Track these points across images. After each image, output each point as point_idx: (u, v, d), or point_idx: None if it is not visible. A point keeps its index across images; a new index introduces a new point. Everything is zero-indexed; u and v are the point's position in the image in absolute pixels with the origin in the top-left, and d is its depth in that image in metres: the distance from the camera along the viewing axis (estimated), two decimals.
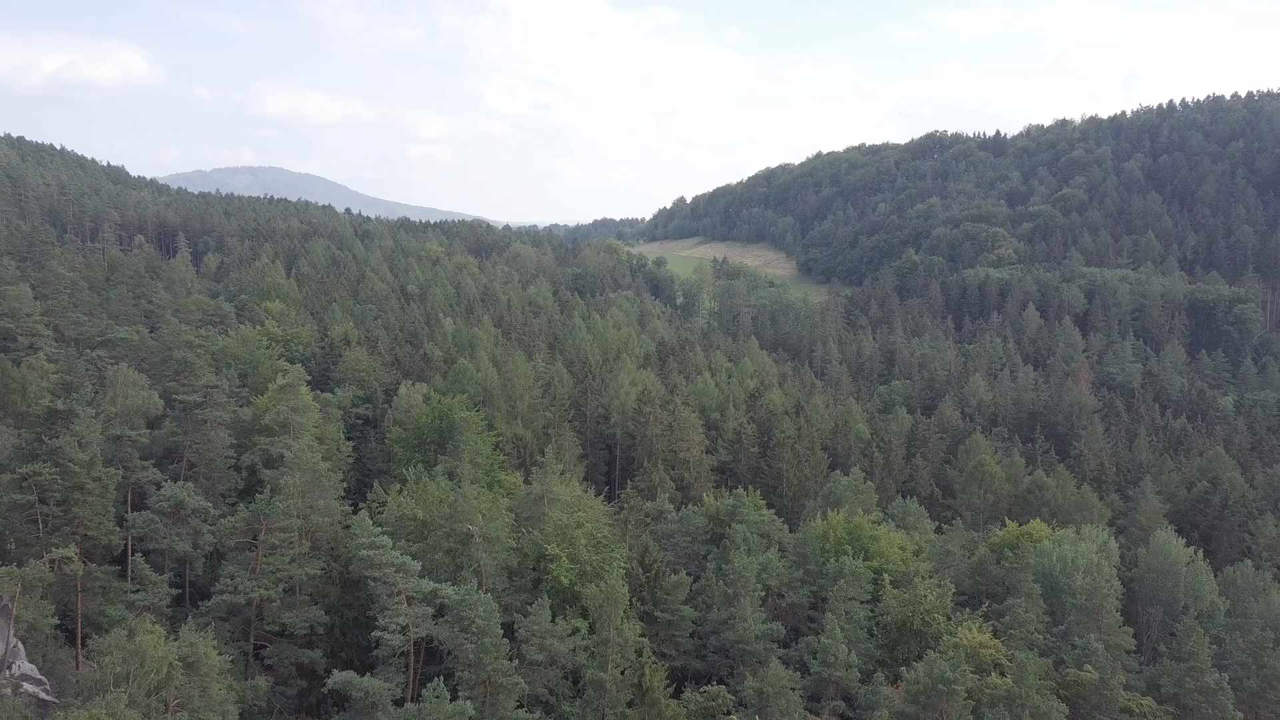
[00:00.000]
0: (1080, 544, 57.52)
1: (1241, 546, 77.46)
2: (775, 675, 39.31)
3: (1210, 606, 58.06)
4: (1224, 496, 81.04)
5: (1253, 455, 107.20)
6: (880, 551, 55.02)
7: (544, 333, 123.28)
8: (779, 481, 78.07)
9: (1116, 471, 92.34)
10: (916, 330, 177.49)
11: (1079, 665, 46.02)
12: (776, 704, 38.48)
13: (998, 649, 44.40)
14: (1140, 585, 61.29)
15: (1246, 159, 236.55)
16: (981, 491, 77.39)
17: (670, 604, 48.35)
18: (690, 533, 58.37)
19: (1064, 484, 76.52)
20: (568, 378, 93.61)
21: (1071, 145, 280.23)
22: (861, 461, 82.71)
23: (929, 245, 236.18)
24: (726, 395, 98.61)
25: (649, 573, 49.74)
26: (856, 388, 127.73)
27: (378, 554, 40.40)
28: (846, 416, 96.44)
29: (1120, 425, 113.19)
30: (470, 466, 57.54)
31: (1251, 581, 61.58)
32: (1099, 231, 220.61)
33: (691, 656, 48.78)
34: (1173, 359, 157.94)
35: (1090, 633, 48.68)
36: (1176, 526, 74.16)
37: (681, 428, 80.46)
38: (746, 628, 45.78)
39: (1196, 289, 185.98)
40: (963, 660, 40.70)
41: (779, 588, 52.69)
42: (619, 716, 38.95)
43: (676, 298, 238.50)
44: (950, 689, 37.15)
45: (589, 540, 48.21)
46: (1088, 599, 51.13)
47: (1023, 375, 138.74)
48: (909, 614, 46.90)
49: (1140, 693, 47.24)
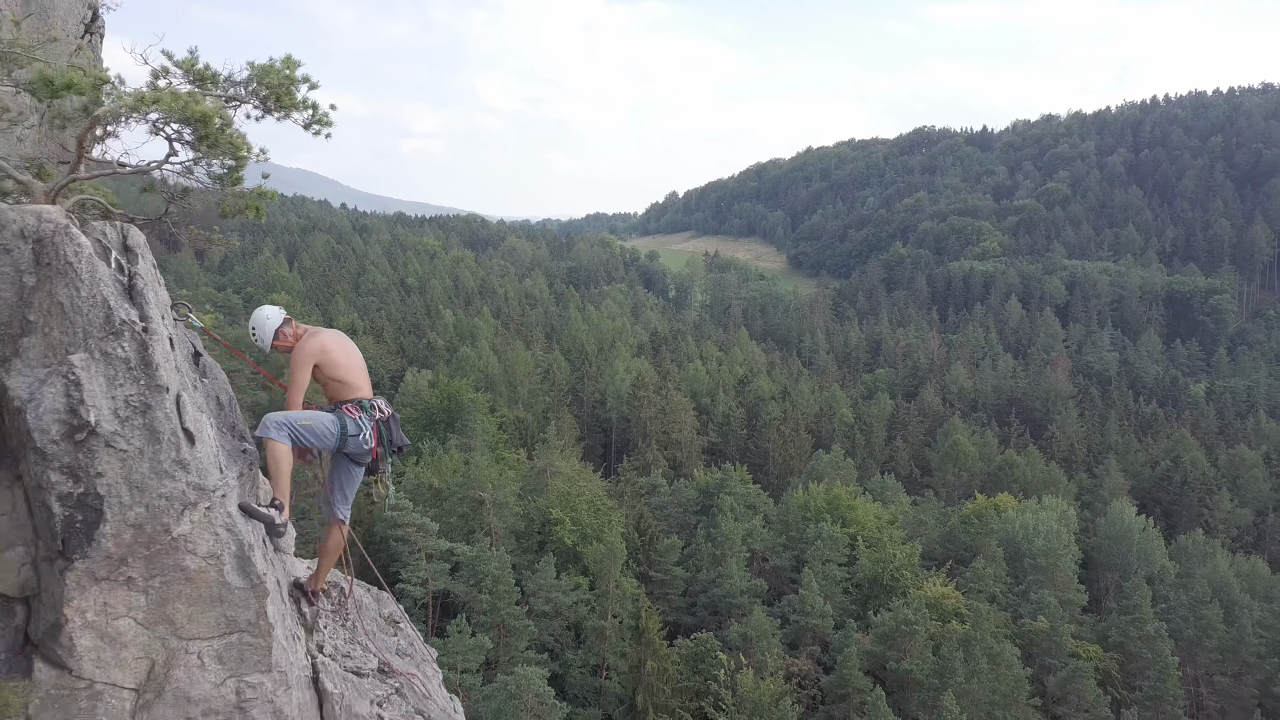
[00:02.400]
0: (1041, 513, 62.40)
1: (1200, 520, 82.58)
2: (758, 621, 44.03)
3: (1161, 570, 63.04)
4: (1184, 474, 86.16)
5: (1219, 438, 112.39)
6: (857, 519, 59.70)
7: (541, 323, 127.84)
8: (765, 460, 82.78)
9: (1086, 452, 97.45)
10: (902, 321, 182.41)
11: (1034, 618, 50.84)
12: (759, 645, 43.17)
13: (958, 600, 49.20)
14: (1098, 552, 66.28)
15: (1226, 153, 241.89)
16: (956, 469, 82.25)
17: (664, 565, 53.06)
18: (682, 504, 63.11)
19: (1033, 462, 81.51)
20: (565, 365, 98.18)
21: (1057, 140, 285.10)
22: (844, 443, 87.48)
23: (916, 239, 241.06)
24: (717, 381, 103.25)
25: (644, 537, 54.40)
26: (842, 375, 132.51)
27: (401, 514, 44.89)
28: (831, 401, 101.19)
29: (1094, 410, 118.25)
30: (480, 441, 62.08)
31: (1201, 548, 66.75)
32: (1081, 225, 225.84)
33: (683, 613, 53.50)
34: (1149, 348, 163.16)
35: (1045, 589, 53.50)
36: (1140, 502, 79.15)
37: (674, 411, 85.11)
38: (733, 584, 50.46)
39: (1174, 280, 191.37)
40: (924, 607, 45.44)
41: (763, 552, 57.44)
42: (619, 656, 43.61)
43: (669, 290, 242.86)
44: (911, 629, 41.89)
45: (589, 506, 52.84)
46: (1045, 559, 55.97)
47: (1003, 364, 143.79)
48: (879, 570, 51.68)
49: (1090, 642, 52.08)
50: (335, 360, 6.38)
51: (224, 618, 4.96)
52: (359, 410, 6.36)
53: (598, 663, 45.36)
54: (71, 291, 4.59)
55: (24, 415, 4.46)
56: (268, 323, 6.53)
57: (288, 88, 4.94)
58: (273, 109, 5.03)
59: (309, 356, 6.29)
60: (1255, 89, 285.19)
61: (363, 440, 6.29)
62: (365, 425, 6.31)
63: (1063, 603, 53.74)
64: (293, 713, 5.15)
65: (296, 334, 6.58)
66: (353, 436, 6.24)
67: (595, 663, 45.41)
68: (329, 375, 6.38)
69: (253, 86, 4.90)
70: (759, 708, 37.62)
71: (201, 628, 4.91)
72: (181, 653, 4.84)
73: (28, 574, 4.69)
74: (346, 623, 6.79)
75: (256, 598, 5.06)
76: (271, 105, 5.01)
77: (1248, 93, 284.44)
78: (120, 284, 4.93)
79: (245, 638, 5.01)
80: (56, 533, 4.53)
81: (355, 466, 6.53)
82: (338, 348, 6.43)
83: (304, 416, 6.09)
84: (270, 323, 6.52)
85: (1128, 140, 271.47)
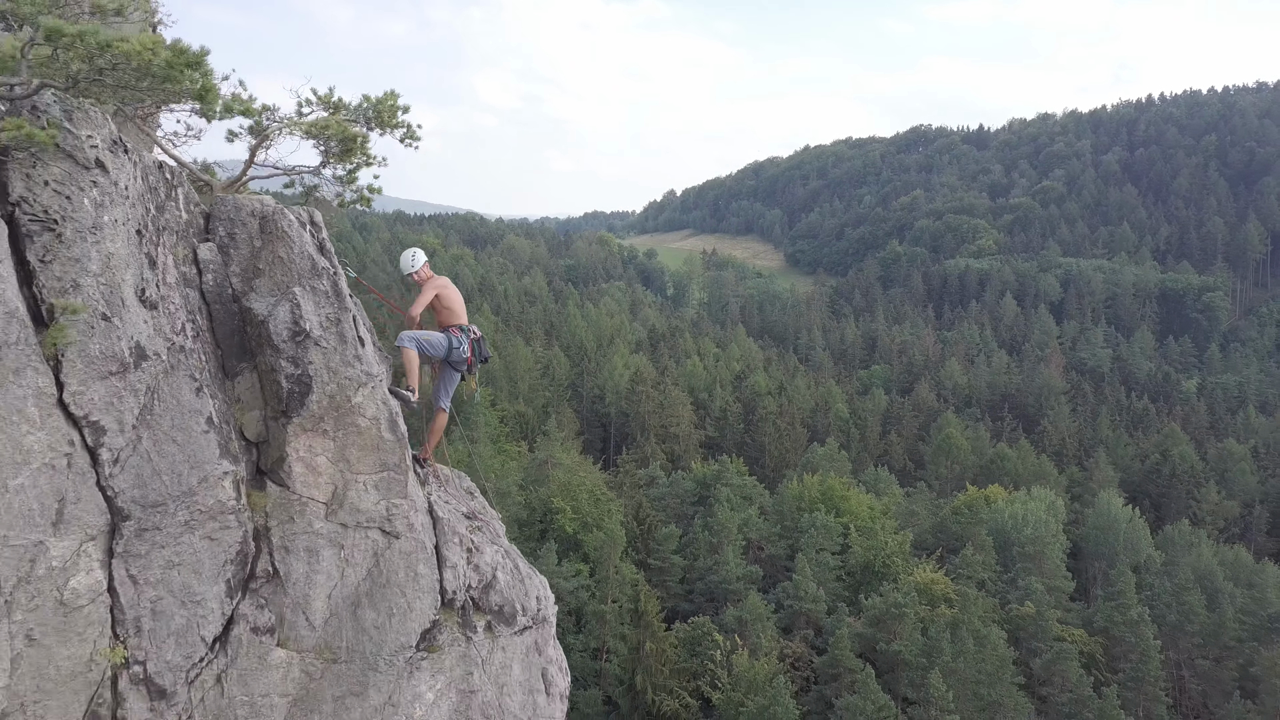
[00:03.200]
0: (1030, 503, 63.98)
1: (1188, 511, 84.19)
2: (753, 604, 45.57)
3: (1147, 559, 64.59)
4: (1173, 467, 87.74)
5: (1209, 432, 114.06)
6: (850, 510, 61.26)
7: (540, 320, 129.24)
8: (761, 454, 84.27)
9: (1078, 446, 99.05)
10: (898, 318, 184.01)
11: (1021, 603, 52.42)
12: (754, 629, 44.70)
13: (947, 585, 50.76)
14: (1086, 542, 67.85)
15: (1220, 152, 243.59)
16: (948, 462, 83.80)
17: (662, 553, 54.58)
18: (679, 495, 64.63)
19: (1024, 455, 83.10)
20: (564, 361, 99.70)
21: (1052, 139, 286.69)
22: (839, 437, 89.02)
23: (912, 237, 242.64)
24: (714, 377, 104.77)
25: (643, 526, 55.98)
26: (838, 372, 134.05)
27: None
28: (827, 397, 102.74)
29: (1086, 406, 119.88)
30: (483, 433, 63.55)
31: (1187, 538, 68.29)
32: (1076, 223, 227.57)
33: (681, 599, 55.01)
34: (1141, 344, 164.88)
35: (1032, 576, 55.09)
36: (1130, 494, 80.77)
37: (672, 405, 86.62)
38: (729, 570, 51.99)
39: (1167, 278, 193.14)
40: (914, 591, 46.99)
41: (759, 541, 58.98)
42: (618, 639, 45.11)
43: (667, 288, 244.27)
44: (900, 611, 43.42)
45: (590, 495, 54.34)
46: (1033, 547, 57.55)
47: (997, 360, 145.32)
48: (871, 557, 53.23)
49: (1075, 627, 53.67)
50: (449, 295, 9.19)
51: (379, 460, 7.47)
52: (460, 333, 9.13)
53: (598, 646, 46.87)
54: (287, 249, 7.11)
55: (266, 325, 6.96)
56: (418, 256, 9.39)
57: (392, 112, 6.66)
58: (379, 128, 6.72)
59: (434, 288, 9.10)
60: (1250, 88, 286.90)
61: (461, 352, 9.02)
62: (463, 342, 9.06)
63: (1049, 589, 55.36)
64: (419, 526, 7.77)
65: (427, 273, 9.32)
66: (455, 349, 8.97)
67: (595, 646, 46.92)
68: (443, 305, 9.12)
69: (368, 112, 6.55)
70: (754, 686, 39.16)
71: (365, 466, 7.39)
72: (353, 481, 7.32)
73: (261, 427, 7.13)
74: (442, 484, 9.42)
75: (400, 448, 7.59)
76: (378, 125, 6.69)
77: (1242, 91, 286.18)
78: (315, 244, 7.38)
79: (392, 475, 7.54)
80: (282, 399, 7.01)
81: (454, 371, 9.23)
82: (451, 289, 9.25)
83: (425, 335, 8.80)
84: (419, 258, 9.35)
85: (1123, 139, 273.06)
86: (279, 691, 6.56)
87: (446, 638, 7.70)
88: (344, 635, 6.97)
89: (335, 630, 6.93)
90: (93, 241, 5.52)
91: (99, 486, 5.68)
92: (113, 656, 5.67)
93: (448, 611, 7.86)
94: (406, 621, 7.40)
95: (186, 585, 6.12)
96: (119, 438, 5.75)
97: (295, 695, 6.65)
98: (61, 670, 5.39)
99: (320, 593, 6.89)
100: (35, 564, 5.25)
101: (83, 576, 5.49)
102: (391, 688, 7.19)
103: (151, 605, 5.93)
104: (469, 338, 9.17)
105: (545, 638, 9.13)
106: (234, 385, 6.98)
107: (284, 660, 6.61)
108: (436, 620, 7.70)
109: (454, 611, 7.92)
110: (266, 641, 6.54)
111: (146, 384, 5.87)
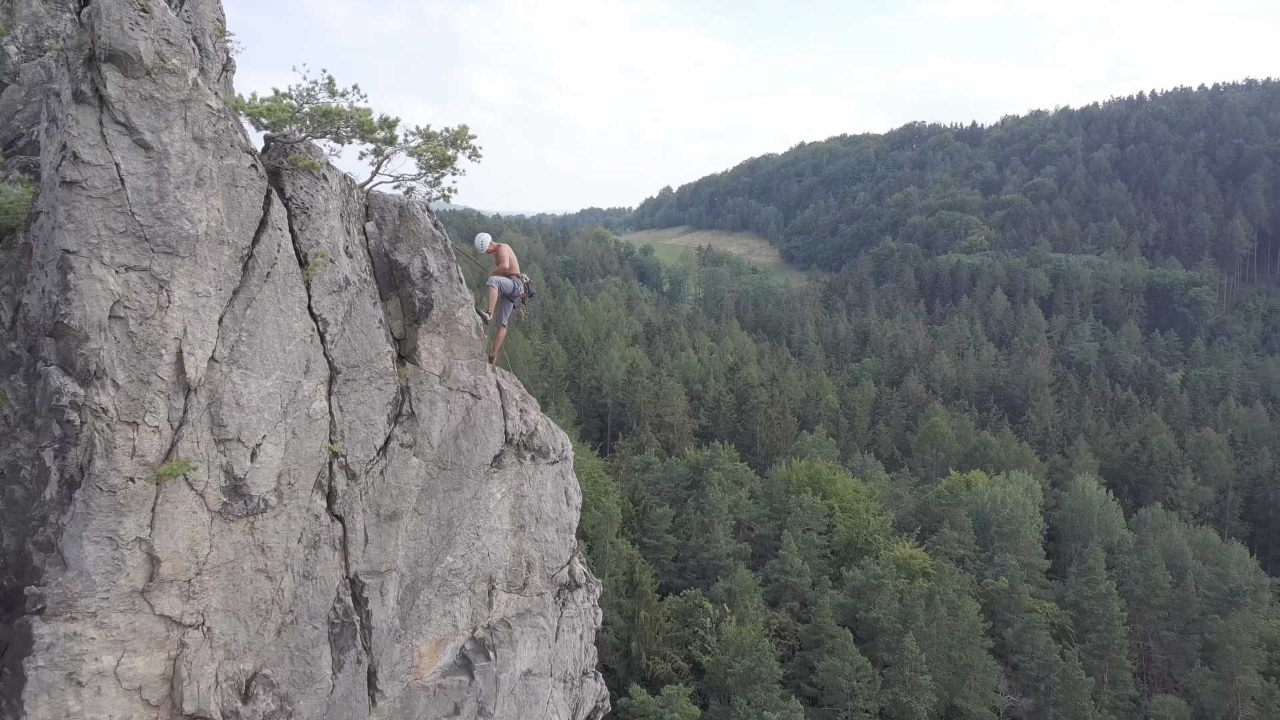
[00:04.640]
0: (1009, 486, 66.95)
1: (1165, 497, 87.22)
2: (741, 577, 48.45)
3: (1120, 539, 67.63)
4: (1151, 455, 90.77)
5: (1190, 423, 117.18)
6: (836, 492, 64.09)
7: (538, 314, 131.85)
8: (753, 442, 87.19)
9: (1061, 435, 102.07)
10: (890, 313, 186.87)
11: (996, 579, 55.37)
12: (742, 600, 47.57)
13: (925, 560, 53.68)
14: (1063, 524, 70.87)
15: (1208, 149, 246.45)
16: (934, 449, 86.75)
17: (656, 532, 57.42)
18: (674, 479, 67.49)
19: (1007, 442, 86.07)
20: (563, 353, 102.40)
21: (1044, 136, 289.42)
22: (829, 426, 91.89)
23: (905, 233, 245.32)
24: (708, 369, 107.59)
25: (638, 507, 58.81)
26: (830, 364, 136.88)
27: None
28: (818, 388, 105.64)
29: (1071, 397, 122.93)
30: None
31: (1160, 520, 71.40)
32: (1066, 219, 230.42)
33: (674, 575, 57.87)
34: (1128, 338, 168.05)
35: (1008, 554, 58.06)
36: (1110, 481, 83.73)
37: (667, 395, 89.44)
38: (719, 548, 54.88)
39: (1155, 273, 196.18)
40: (893, 565, 49.92)
41: (749, 521, 61.86)
42: (614, 610, 47.93)
43: (663, 284, 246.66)
44: (880, 583, 46.32)
45: (587, 478, 57.10)
46: (1009, 526, 60.51)
47: (986, 353, 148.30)
48: (855, 535, 56.13)
49: (1048, 601, 56.65)
50: (510, 256, 13.98)
51: (470, 351, 11.72)
52: (516, 279, 13.74)
53: None
54: (416, 225, 11.33)
55: (406, 270, 11.11)
56: (486, 237, 14.14)
57: (465, 138, 9.85)
58: (454, 148, 9.83)
59: (506, 255, 13.95)
60: (1239, 85, 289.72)
61: (516, 289, 13.69)
62: (519, 285, 13.78)
63: (1024, 566, 58.37)
64: (494, 394, 12.14)
65: (495, 245, 14.00)
66: (514, 289, 13.62)
67: None
68: (508, 259, 13.91)
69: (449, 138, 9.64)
70: (741, 649, 42.05)
71: (462, 354, 11.62)
72: (455, 363, 11.53)
73: (402, 329, 11.23)
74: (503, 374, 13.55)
75: (482, 345, 12.05)
76: (454, 146, 9.78)
77: (1231, 89, 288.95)
78: (431, 221, 11.67)
79: (478, 360, 11.87)
80: (415, 313, 11.14)
81: (509, 302, 13.76)
82: (512, 252, 14.20)
83: (499, 279, 13.43)
84: (488, 238, 14.07)
85: (1114, 136, 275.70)
86: (413, 483, 10.85)
87: (508, 461, 12.34)
88: (449, 453, 11.55)
89: (445, 450, 11.39)
90: (323, 219, 9.94)
91: (324, 354, 9.97)
92: (332, 449, 9.74)
93: (509, 446, 12.22)
94: (485, 449, 11.80)
95: (367, 414, 10.41)
96: (335, 328, 10.08)
97: (422, 486, 10.94)
98: (307, 454, 9.64)
99: (437, 427, 11.12)
100: (297, 392, 9.53)
101: (318, 403, 9.96)
102: (476, 487, 11.68)
103: (350, 423, 10.20)
104: (522, 282, 13.90)
105: (566, 469, 13.56)
106: (386, 305, 11.09)
107: (416, 465, 11.10)
108: (502, 450, 12.08)
109: (512, 446, 12.27)
110: (407, 453, 11.00)
111: (349, 299, 10.25)
